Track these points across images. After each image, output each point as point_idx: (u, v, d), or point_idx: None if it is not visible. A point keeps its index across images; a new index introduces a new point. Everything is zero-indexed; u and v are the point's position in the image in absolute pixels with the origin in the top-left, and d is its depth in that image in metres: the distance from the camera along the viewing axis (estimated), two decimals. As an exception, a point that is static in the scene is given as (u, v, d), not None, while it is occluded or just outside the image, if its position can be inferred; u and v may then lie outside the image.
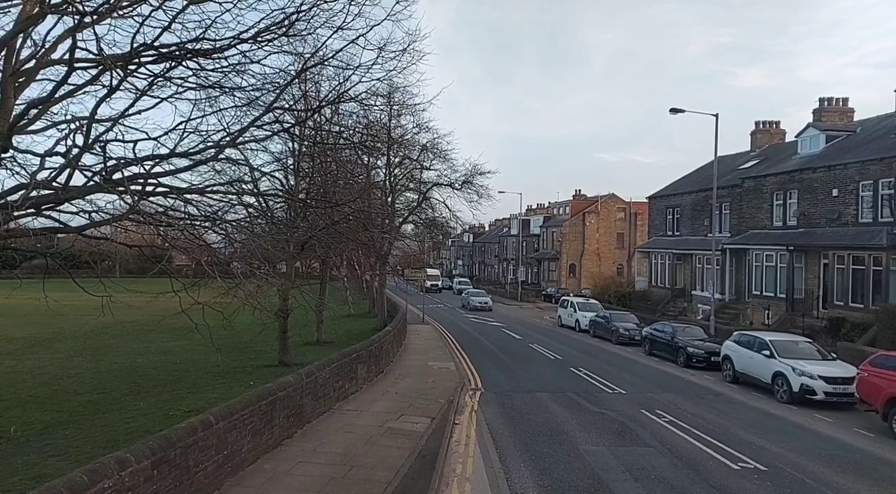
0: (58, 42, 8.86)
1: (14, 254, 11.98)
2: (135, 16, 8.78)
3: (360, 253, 35.34)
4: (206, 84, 9.76)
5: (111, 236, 11.98)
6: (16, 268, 38.95)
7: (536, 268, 68.76)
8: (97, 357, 21.28)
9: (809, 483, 9.75)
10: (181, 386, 16.19)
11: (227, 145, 10.34)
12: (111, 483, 5.81)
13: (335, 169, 20.04)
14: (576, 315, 33.78)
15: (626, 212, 60.15)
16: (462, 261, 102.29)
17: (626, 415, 13.96)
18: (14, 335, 26.27)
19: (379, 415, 12.71)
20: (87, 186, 8.73)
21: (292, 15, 9.13)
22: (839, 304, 24.01)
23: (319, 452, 10.00)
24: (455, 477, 9.41)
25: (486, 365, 21.16)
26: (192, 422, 7.64)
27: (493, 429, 12.40)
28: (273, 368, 18.10)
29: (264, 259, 10.70)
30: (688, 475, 9.93)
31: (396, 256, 48.75)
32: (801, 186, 27.32)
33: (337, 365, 13.46)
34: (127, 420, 12.40)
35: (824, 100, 30.87)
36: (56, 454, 9.90)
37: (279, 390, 10.15)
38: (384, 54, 10.50)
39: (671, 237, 38.44)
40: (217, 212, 10.73)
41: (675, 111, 26.83)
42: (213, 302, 9.79)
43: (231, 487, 8.18)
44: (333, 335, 25.11)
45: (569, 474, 9.73)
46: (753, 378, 17.94)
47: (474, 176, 30.97)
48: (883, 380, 13.64)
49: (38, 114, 9.16)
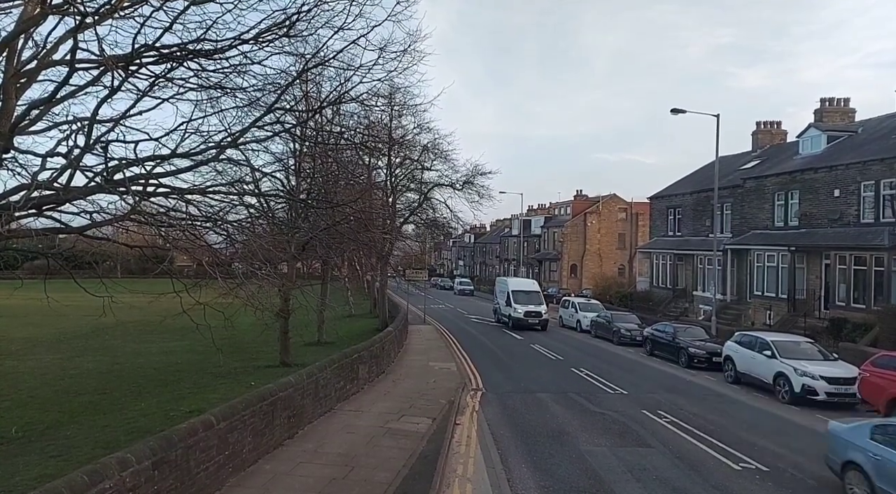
0: (59, 43, 8.86)
1: (15, 255, 11.97)
2: (136, 16, 8.78)
3: (361, 254, 35.26)
4: (208, 85, 9.76)
5: (112, 237, 11.97)
6: (17, 269, 38.69)
7: (538, 269, 68.70)
8: (98, 357, 21.30)
9: (811, 483, 9.74)
10: (182, 386, 16.21)
11: (228, 146, 10.33)
12: (112, 484, 5.81)
13: (336, 169, 20.01)
14: (577, 315, 33.76)
15: (627, 212, 60.12)
16: (463, 262, 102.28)
17: (627, 416, 13.95)
18: (15, 335, 26.31)
19: (380, 416, 12.70)
20: (88, 187, 8.73)
21: (293, 16, 9.12)
22: (841, 305, 23.97)
23: (320, 453, 10.00)
24: (456, 478, 9.40)
25: (487, 365, 21.15)
26: (193, 423, 7.65)
27: (495, 430, 12.40)
28: (274, 369, 18.10)
29: (265, 259, 10.68)
30: (689, 475, 9.92)
31: (397, 257, 48.78)
32: (803, 186, 27.28)
33: (338, 365, 13.46)
34: (128, 420, 12.41)
35: (825, 101, 30.85)
36: (57, 454, 9.91)
37: (280, 390, 10.15)
38: (385, 55, 10.49)
39: (672, 237, 38.40)
40: (218, 212, 10.72)
41: (677, 111, 26.83)
42: (215, 303, 9.78)
43: (232, 487, 8.18)
44: (334, 335, 25.11)
45: (570, 474, 9.72)
46: (755, 378, 17.92)
47: (475, 176, 31.03)
48: (885, 381, 13.63)
49: (40, 115, 9.16)
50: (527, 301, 33.04)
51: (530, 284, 36.40)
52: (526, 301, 33.02)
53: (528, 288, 34.74)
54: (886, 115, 27.94)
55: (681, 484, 9.45)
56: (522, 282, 37.68)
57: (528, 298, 33.38)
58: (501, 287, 36.74)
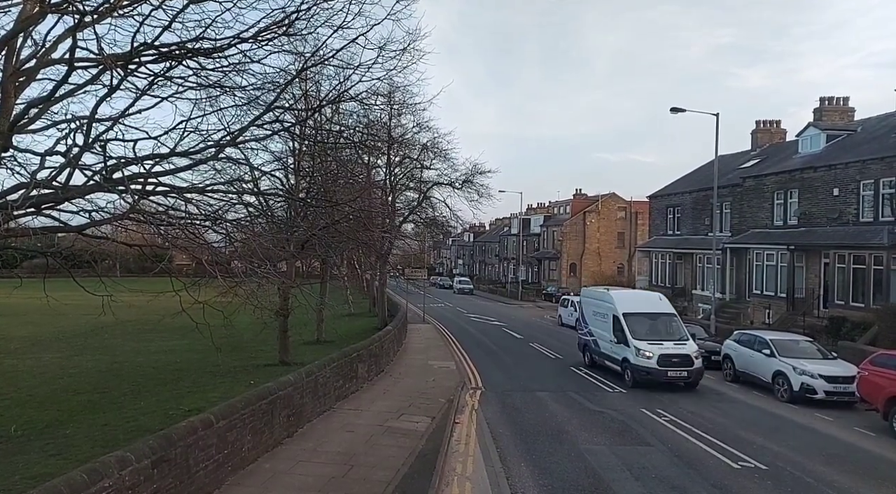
0: (58, 41, 8.86)
1: (14, 254, 11.98)
2: (135, 15, 8.76)
3: (360, 253, 35.32)
4: (207, 83, 9.75)
5: (111, 235, 11.97)
6: (16, 268, 38.99)
7: (537, 268, 68.73)
8: (97, 356, 21.31)
9: (810, 481, 9.75)
10: (181, 385, 16.21)
11: (227, 144, 10.33)
12: (111, 483, 5.81)
13: (335, 168, 20.04)
14: (576, 314, 33.69)
15: (626, 211, 60.14)
16: (462, 261, 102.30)
17: (626, 414, 13.96)
18: (15, 334, 26.30)
19: (379, 414, 12.71)
20: (87, 185, 8.72)
21: (292, 14, 9.12)
22: (840, 303, 23.99)
23: (320, 451, 10.00)
24: (455, 476, 9.41)
25: (487, 364, 21.16)
26: (192, 421, 7.65)
27: (494, 428, 12.41)
28: (273, 367, 18.10)
29: (265, 258, 10.66)
30: (688, 474, 9.93)
31: (397, 255, 48.81)
32: (802, 185, 27.29)
33: (337, 364, 13.47)
34: (127, 419, 12.41)
35: (825, 100, 30.82)
36: (56, 453, 9.91)
37: (279, 389, 10.15)
38: (384, 53, 10.48)
39: (672, 236, 38.41)
40: (217, 211, 10.72)
41: (676, 110, 26.82)
42: (214, 302, 9.79)
43: (231, 486, 8.18)
44: (334, 334, 25.11)
45: (569, 473, 9.73)
46: (754, 377, 17.93)
47: (475, 175, 31.05)
48: (884, 379, 13.63)
49: (39, 114, 9.16)
50: (655, 332, 18.26)
51: (654, 300, 19.97)
52: (653, 332, 18.23)
53: (653, 309, 19.24)
54: (886, 114, 27.94)
55: (680, 483, 9.45)
56: (639, 298, 20.94)
57: (658, 327, 18.49)
58: (595, 304, 20.66)
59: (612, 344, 18.70)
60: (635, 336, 17.74)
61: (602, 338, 19.61)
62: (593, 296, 21.32)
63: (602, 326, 19.67)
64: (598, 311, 20.25)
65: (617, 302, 19.04)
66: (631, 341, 17.61)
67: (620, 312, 18.45)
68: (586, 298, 22.13)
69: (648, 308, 19.19)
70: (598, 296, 20.77)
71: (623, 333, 18.02)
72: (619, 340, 18.21)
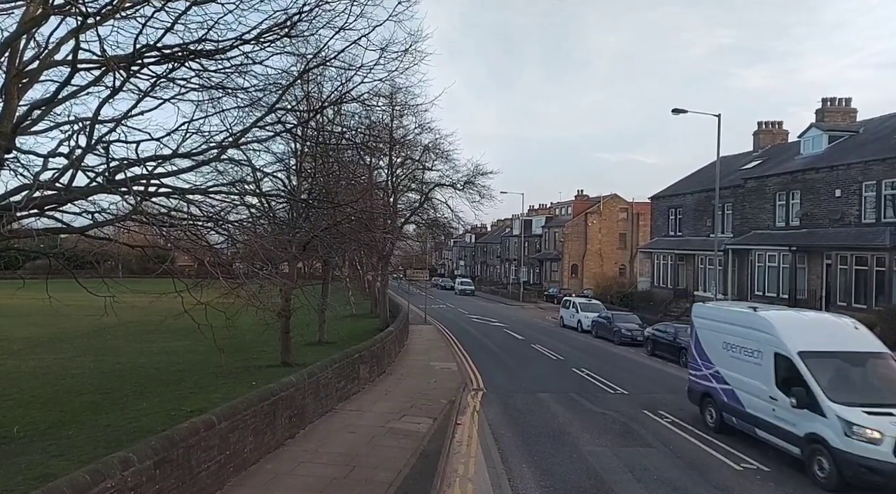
0: (61, 43, 8.88)
1: (17, 255, 11.98)
2: (137, 17, 8.79)
3: (362, 254, 35.34)
4: (209, 85, 9.78)
5: (114, 236, 11.99)
6: (19, 269, 38.91)
7: (538, 269, 68.69)
8: (100, 357, 21.31)
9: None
10: (184, 386, 16.21)
11: (229, 146, 10.36)
12: (114, 483, 5.83)
13: (337, 169, 20.03)
14: (578, 315, 33.73)
15: (628, 212, 60.10)
16: (464, 262, 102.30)
17: (628, 416, 13.94)
18: (17, 335, 26.34)
19: (381, 416, 12.71)
20: (89, 187, 8.75)
21: (294, 16, 9.14)
22: (842, 305, 23.94)
23: (321, 452, 10.01)
24: (457, 478, 9.41)
25: (488, 365, 21.15)
26: (194, 422, 7.66)
27: (496, 430, 12.40)
28: (275, 368, 18.10)
29: (267, 259, 10.70)
30: (690, 475, 9.92)
31: (398, 257, 48.83)
32: (804, 186, 27.26)
33: (339, 365, 13.47)
34: (129, 420, 12.41)
35: (827, 101, 30.78)
36: (59, 454, 9.92)
37: (281, 390, 10.16)
38: (386, 55, 10.51)
39: (673, 237, 38.39)
40: (220, 212, 10.76)
41: (678, 111, 26.75)
42: (216, 303, 9.79)
43: (233, 487, 8.19)
44: (335, 335, 25.08)
45: (571, 474, 9.72)
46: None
47: (476, 176, 31.05)
48: None
49: (42, 115, 9.18)
50: (871, 390, 10.52)
51: (847, 330, 11.61)
52: (868, 390, 10.50)
53: (852, 347, 11.15)
54: (888, 115, 27.90)
55: (682, 484, 9.44)
56: (820, 326, 12.19)
57: (871, 380, 10.84)
58: (728, 331, 12.85)
59: (772, 403, 11.02)
60: (834, 396, 9.90)
61: (748, 390, 11.87)
62: (721, 318, 13.35)
63: (746, 370, 12.02)
64: (734, 343, 12.51)
65: (782, 331, 11.28)
66: (828, 406, 9.78)
67: (794, 350, 10.75)
68: (705, 320, 13.99)
69: (843, 344, 11.17)
70: (731, 319, 12.97)
71: (807, 389, 10.16)
72: (798, 402, 10.18)
